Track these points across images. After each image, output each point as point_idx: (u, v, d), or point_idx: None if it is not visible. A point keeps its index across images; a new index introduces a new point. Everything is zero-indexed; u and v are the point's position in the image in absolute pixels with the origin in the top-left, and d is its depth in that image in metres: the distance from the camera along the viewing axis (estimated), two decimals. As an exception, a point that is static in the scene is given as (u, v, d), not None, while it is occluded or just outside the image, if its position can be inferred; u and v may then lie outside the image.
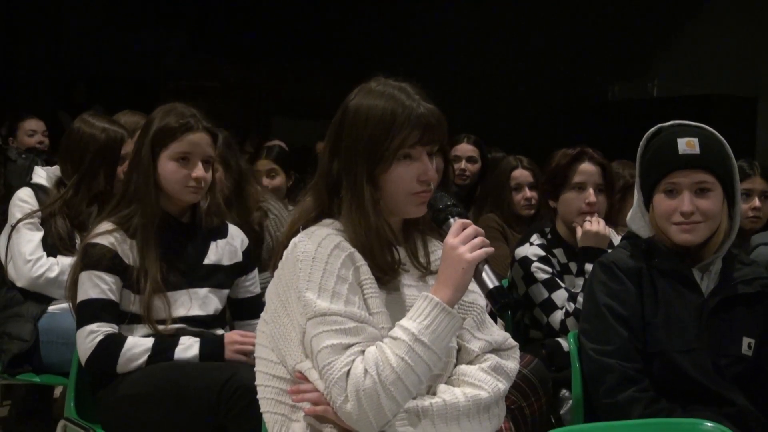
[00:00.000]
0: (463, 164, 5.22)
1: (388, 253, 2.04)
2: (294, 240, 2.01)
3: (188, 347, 2.72)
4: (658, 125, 2.59)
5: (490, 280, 1.92)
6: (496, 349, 2.11)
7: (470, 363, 2.08)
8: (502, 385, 2.05)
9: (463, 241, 1.93)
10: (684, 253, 2.54)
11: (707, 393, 2.41)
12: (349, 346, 1.89)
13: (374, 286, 2.00)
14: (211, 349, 2.74)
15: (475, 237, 1.94)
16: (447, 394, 1.99)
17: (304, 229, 2.04)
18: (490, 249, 1.95)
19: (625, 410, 2.38)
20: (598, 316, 2.52)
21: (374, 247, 2.00)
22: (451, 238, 1.95)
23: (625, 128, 2.76)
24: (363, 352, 1.89)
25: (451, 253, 1.93)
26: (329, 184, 2.06)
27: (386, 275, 2.03)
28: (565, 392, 3.21)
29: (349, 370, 1.87)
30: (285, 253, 2.02)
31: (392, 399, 1.86)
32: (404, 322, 1.92)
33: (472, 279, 1.95)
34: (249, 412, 2.10)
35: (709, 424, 2.07)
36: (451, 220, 2.00)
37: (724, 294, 2.52)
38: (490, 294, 1.93)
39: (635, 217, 2.62)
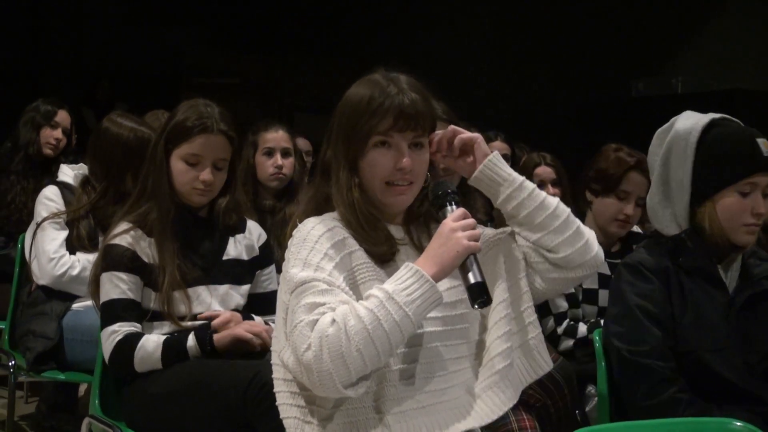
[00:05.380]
0: None
1: (379, 230, 2.04)
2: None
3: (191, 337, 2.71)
4: (710, 117, 2.51)
5: (474, 274, 1.94)
6: None
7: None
8: None
9: (462, 227, 1.94)
10: (713, 251, 2.51)
11: (739, 392, 2.39)
12: (321, 305, 1.86)
13: (371, 270, 2.00)
14: (203, 337, 2.71)
15: (473, 229, 1.96)
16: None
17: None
18: (480, 245, 1.97)
19: (668, 412, 2.33)
20: (629, 317, 2.47)
21: (361, 224, 2.01)
22: (450, 221, 1.96)
23: (650, 125, 2.73)
24: (334, 310, 1.86)
25: (450, 234, 1.93)
26: (323, 172, 2.09)
27: (382, 253, 2.03)
28: (591, 389, 3.19)
29: (316, 321, 1.83)
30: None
31: (356, 350, 1.80)
32: (382, 285, 1.91)
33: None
34: (276, 410, 2.09)
35: (738, 423, 2.04)
36: (451, 206, 2.02)
37: (750, 290, 2.49)
38: (470, 288, 1.94)
39: (659, 215, 2.56)
